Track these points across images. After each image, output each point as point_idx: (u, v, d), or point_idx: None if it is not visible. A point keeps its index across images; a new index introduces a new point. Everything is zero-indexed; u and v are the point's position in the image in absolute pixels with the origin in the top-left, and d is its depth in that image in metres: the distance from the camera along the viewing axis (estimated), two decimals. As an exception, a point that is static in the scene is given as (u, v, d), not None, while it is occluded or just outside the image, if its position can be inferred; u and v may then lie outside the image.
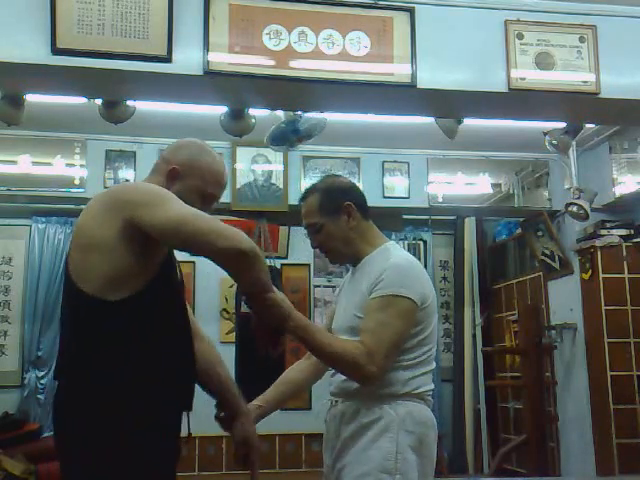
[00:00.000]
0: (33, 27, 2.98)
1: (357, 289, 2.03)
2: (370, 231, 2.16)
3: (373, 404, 1.96)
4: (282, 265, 6.95)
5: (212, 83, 3.24)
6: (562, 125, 4.31)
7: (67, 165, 5.48)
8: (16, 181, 5.48)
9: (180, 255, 2.12)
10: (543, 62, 3.39)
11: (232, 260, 1.67)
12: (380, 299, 1.93)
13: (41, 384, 6.59)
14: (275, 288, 1.81)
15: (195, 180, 1.94)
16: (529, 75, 3.37)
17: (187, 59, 3.12)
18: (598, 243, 5.36)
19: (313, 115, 3.94)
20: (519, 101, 3.49)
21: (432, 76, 3.31)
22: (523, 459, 6.07)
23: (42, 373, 6.61)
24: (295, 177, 5.71)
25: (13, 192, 5.47)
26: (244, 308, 2.37)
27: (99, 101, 3.83)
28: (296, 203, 6.35)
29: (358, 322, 1.97)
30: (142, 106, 4.00)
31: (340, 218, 2.10)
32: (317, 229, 2.12)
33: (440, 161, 5.91)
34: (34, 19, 2.98)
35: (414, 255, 7.51)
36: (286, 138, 3.98)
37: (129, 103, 3.85)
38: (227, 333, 6.50)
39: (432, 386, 2.04)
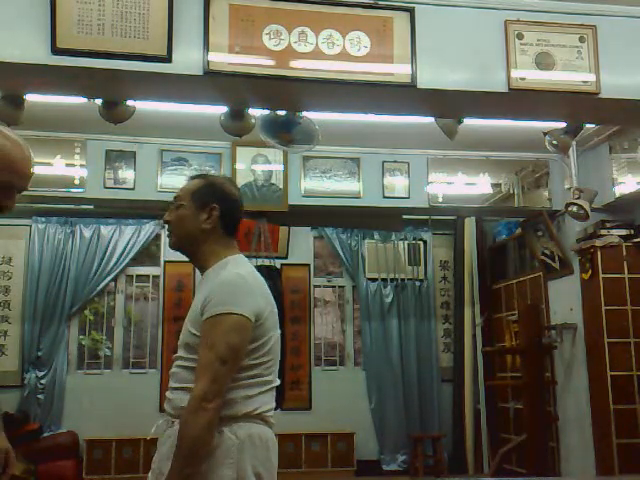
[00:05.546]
0: (33, 27, 2.98)
1: (195, 303, 1.96)
2: (222, 242, 2.05)
3: None
4: (282, 265, 6.95)
5: (212, 83, 3.24)
6: (562, 125, 4.31)
7: (67, 165, 5.47)
8: (16, 181, 5.47)
9: (179, 255, 2.12)
10: (543, 62, 3.39)
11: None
12: (210, 319, 1.85)
13: (41, 384, 6.59)
14: None
15: None
16: (529, 75, 3.37)
17: (187, 59, 3.12)
18: (598, 243, 5.36)
19: (311, 124, 3.92)
20: (519, 101, 3.50)
21: (432, 76, 3.31)
22: (523, 459, 6.07)
23: (42, 373, 6.62)
24: (295, 177, 5.71)
25: (13, 192, 5.46)
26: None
27: (99, 101, 3.83)
28: (296, 203, 6.37)
29: (191, 338, 1.90)
30: (142, 106, 3.99)
31: (200, 213, 2.03)
32: (177, 206, 2.06)
33: (440, 161, 5.91)
34: (34, 19, 2.98)
35: (413, 255, 7.45)
36: (275, 128, 3.95)
37: (129, 103, 3.84)
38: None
39: (273, 405, 1.95)
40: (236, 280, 1.92)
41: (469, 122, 4.04)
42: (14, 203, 1.83)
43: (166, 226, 2.10)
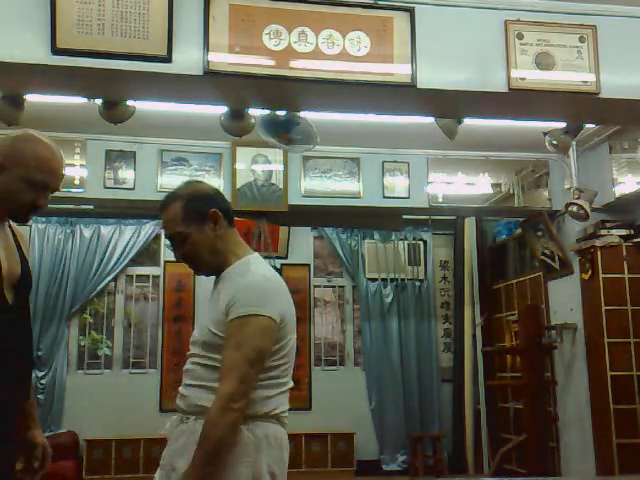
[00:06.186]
0: (33, 27, 2.98)
1: (215, 303, 1.95)
2: (234, 239, 2.06)
3: None
4: (282, 265, 6.95)
5: (212, 83, 3.24)
6: (562, 125, 4.31)
7: (67, 165, 5.45)
8: (16, 181, 5.47)
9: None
10: (543, 62, 3.39)
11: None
12: (237, 320, 1.85)
13: (41, 384, 6.59)
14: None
15: (19, 168, 1.88)
16: (529, 75, 3.37)
17: (187, 59, 3.12)
18: (598, 243, 5.36)
19: (309, 126, 3.92)
20: (519, 101, 3.49)
21: (432, 76, 3.31)
22: (523, 459, 6.07)
23: (42, 373, 6.62)
24: (295, 177, 5.71)
25: (13, 192, 5.46)
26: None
27: (99, 101, 3.83)
28: (296, 203, 6.37)
29: (212, 338, 1.90)
30: (142, 106, 3.99)
31: (205, 226, 1.99)
32: (182, 239, 2.00)
33: (440, 161, 5.91)
34: (34, 19, 2.98)
35: (413, 255, 7.46)
36: (275, 128, 3.96)
37: (129, 103, 3.84)
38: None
39: (287, 406, 1.97)
40: (263, 282, 1.94)
41: (469, 122, 4.04)
42: (47, 203, 1.96)
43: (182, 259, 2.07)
